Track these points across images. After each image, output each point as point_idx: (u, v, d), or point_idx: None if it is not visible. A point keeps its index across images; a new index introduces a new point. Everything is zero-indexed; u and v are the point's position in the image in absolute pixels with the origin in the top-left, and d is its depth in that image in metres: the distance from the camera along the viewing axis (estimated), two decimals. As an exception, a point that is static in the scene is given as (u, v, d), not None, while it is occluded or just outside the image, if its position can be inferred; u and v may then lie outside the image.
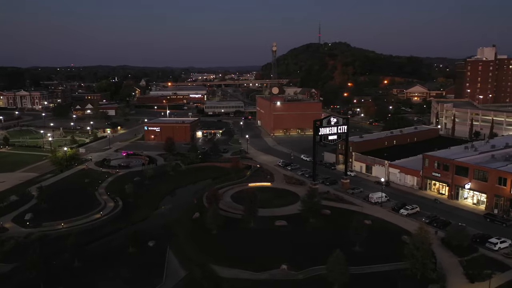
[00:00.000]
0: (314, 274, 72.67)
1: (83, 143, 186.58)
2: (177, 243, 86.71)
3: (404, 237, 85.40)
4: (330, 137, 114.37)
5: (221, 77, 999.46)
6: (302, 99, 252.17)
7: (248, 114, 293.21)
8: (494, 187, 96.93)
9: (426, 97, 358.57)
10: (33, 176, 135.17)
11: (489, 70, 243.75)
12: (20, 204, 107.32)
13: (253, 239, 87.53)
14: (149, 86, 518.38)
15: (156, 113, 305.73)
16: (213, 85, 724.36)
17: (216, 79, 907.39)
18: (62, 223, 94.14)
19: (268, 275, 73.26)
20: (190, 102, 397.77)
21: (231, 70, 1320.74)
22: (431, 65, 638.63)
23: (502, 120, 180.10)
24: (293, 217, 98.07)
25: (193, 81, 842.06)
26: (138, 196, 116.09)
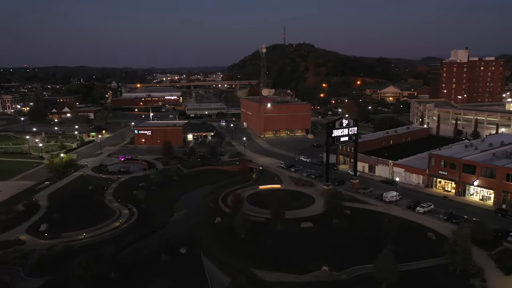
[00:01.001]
0: (357, 274, 74.31)
1: (71, 149, 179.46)
2: (209, 249, 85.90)
3: (429, 234, 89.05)
4: (342, 138, 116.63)
5: (185, 78, 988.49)
6: (290, 100, 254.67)
7: (230, 116, 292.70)
8: (502, 183, 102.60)
9: (399, 97, 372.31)
10: (30, 185, 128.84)
11: (463, 72, 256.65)
12: (29, 214, 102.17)
13: (284, 242, 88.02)
14: (120, 88, 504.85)
15: (135, 116, 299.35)
16: (182, 86, 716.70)
17: (183, 80, 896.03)
18: (83, 233, 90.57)
19: (311, 277, 74.14)
20: (166, 104, 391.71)
21: (194, 71, 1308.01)
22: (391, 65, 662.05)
23: (483, 119, 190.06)
24: (316, 218, 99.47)
25: (159, 82, 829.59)
26: (149, 202, 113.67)
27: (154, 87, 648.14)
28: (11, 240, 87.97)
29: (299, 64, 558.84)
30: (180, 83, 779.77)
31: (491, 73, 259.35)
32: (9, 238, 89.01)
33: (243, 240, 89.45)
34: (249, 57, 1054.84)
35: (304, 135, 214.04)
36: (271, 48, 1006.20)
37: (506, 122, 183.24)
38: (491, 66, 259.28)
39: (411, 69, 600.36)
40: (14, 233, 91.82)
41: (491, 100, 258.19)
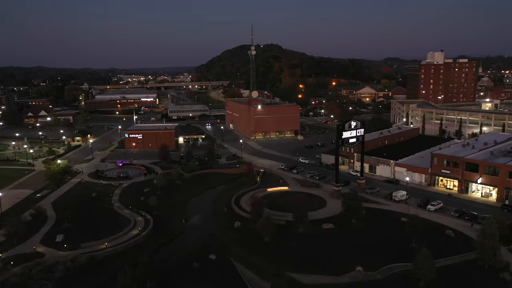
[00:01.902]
0: (392, 272, 76.21)
1: (59, 154, 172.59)
2: (236, 254, 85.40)
3: (447, 231, 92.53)
4: (350, 140, 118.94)
5: (152, 79, 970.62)
6: (279, 102, 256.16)
7: (213, 117, 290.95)
8: (505, 180, 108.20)
9: (375, 98, 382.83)
10: (28, 193, 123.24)
11: (439, 73, 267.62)
12: (39, 225, 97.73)
13: (309, 244, 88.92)
14: (91, 89, 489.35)
15: (117, 119, 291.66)
16: (152, 87, 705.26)
17: (151, 82, 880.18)
18: (105, 242, 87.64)
19: (348, 278, 75.40)
20: (142, 106, 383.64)
21: (159, 72, 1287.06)
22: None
23: (466, 118, 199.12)
24: (334, 219, 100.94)
25: (126, 84, 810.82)
26: (160, 208, 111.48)
27: (124, 88, 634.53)
28: (28, 253, 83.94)
29: (273, 65, 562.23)
30: (149, 85, 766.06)
31: (465, 74, 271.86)
32: (26, 251, 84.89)
33: (268, 243, 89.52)
34: (217, 58, 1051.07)
35: (293, 136, 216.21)
36: (238, 48, 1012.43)
37: (487, 121, 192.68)
38: (465, 67, 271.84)
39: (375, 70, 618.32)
40: (29, 245, 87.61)
41: (465, 100, 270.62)
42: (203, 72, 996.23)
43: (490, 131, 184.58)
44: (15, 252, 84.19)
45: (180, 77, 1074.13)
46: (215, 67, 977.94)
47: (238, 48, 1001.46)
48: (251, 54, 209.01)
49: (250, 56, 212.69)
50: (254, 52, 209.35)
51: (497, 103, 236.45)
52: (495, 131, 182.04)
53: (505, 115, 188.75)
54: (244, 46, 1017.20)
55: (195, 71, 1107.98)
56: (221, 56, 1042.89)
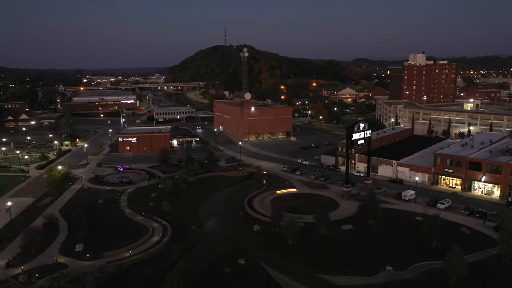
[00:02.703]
0: (422, 271, 78.19)
1: (51, 160, 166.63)
2: (264, 258, 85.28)
3: (462, 229, 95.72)
4: (359, 141, 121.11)
5: (121, 79, 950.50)
6: (271, 104, 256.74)
7: (199, 119, 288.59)
8: (508, 178, 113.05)
9: (355, 99, 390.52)
10: (29, 201, 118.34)
11: (422, 74, 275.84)
12: (52, 234, 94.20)
13: (332, 245, 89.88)
14: (65, 91, 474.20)
15: (102, 122, 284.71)
16: (126, 89, 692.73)
17: (123, 83, 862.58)
18: (129, 250, 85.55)
19: (380, 278, 76.85)
20: (122, 108, 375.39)
21: (129, 72, 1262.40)
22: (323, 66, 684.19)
23: (452, 118, 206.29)
24: (350, 220, 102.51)
25: (97, 85, 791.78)
26: (172, 213, 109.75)
27: (99, 90, 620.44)
28: (50, 264, 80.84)
29: (252, 66, 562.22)
30: (123, 86, 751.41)
31: (445, 76, 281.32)
32: (47, 262, 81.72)
33: (292, 246, 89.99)
34: (191, 58, 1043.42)
35: (285, 137, 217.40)
36: (211, 49, 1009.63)
37: (473, 121, 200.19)
38: (445, 69, 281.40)
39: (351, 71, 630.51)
40: (47, 256, 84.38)
41: (445, 100, 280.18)
42: (176, 72, 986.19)
43: (477, 130, 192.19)
44: (35, 264, 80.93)
45: (152, 78, 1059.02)
46: (188, 67, 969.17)
47: (211, 49, 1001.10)
48: (243, 56, 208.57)
49: (243, 58, 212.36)
50: (247, 54, 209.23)
51: (478, 103, 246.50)
52: (480, 130, 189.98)
53: (490, 115, 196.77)
54: (217, 46, 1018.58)
55: (168, 72, 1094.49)
56: (195, 57, 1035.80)
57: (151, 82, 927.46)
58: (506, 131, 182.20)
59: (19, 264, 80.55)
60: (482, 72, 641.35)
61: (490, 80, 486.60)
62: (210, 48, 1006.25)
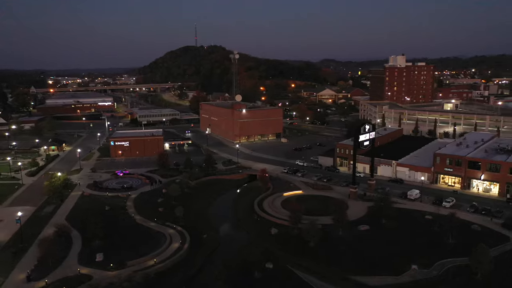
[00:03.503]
0: (446, 268, 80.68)
1: (42, 166, 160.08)
2: (290, 261, 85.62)
3: (473, 226, 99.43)
4: (365, 143, 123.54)
5: (87, 80, 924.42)
6: (261, 105, 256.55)
7: (184, 121, 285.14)
8: (506, 176, 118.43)
9: (335, 99, 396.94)
10: (31, 210, 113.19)
11: (402, 75, 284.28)
12: (65, 244, 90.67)
13: (353, 246, 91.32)
14: (36, 94, 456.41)
15: (79, 125, 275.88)
16: (99, 90, 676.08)
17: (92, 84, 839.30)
18: (154, 258, 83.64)
19: (408, 277, 78.81)
20: (100, 110, 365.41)
21: (94, 73, 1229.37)
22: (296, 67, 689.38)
23: (437, 118, 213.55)
24: (363, 221, 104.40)
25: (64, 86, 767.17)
26: (184, 218, 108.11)
27: (68, 92, 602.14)
28: (73, 276, 77.87)
29: (228, 67, 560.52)
30: (91, 87, 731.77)
31: (424, 77, 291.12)
32: (68, 274, 78.65)
33: (314, 248, 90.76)
34: (161, 59, 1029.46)
35: (275, 139, 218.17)
36: (182, 49, 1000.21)
37: (457, 121, 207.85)
38: (424, 70, 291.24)
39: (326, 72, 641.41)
40: (67, 267, 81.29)
41: (424, 100, 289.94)
42: (147, 73, 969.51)
43: (461, 130, 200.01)
44: (57, 276, 77.77)
45: (121, 79, 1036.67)
46: (159, 68, 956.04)
47: (182, 49, 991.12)
48: (234, 58, 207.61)
49: (233, 60, 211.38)
50: (237, 56, 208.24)
51: (457, 104, 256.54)
52: (464, 130, 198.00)
53: (473, 115, 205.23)
54: (187, 47, 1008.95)
55: (138, 73, 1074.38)
56: (165, 58, 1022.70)
57: (121, 83, 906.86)
58: (488, 130, 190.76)
59: (40, 277, 77.21)
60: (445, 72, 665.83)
61: (458, 80, 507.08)
62: (181, 48, 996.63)
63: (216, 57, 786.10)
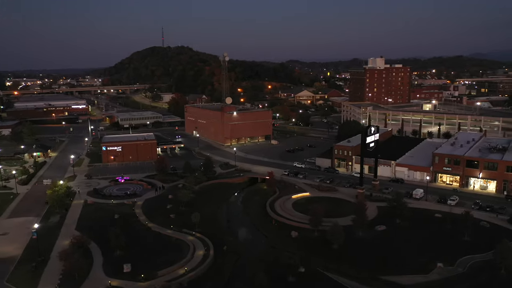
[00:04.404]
0: (470, 264, 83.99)
1: (32, 174, 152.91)
2: (318, 264, 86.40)
3: (482, 223, 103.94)
4: (371, 144, 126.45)
5: (48, 82, 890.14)
6: (249, 108, 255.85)
7: (166, 124, 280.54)
8: (503, 174, 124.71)
9: (312, 101, 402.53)
10: (35, 221, 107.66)
11: (382, 77, 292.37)
12: (84, 255, 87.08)
13: (376, 246, 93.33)
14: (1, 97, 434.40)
15: (56, 129, 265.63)
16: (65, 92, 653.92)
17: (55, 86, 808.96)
18: (184, 267, 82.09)
19: (437, 275, 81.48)
20: (74, 113, 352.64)
21: (53, 73, 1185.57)
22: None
23: (420, 119, 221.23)
24: (377, 221, 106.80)
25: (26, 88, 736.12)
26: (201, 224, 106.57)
27: (34, 94, 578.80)
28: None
29: (202, 69, 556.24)
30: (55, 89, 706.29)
31: (401, 78, 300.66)
32: (98, 287, 75.81)
33: (338, 250, 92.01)
34: (127, 60, 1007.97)
35: (265, 141, 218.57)
36: (149, 50, 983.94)
37: (440, 121, 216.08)
38: (401, 72, 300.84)
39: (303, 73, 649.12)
40: (94, 280, 78.41)
41: (402, 101, 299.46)
42: (113, 75, 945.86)
43: (444, 130, 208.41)
44: (88, 290, 74.84)
45: (85, 80, 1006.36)
46: (125, 69, 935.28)
47: (149, 50, 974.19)
48: (224, 60, 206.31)
49: (223, 63, 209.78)
50: (227, 58, 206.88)
51: (436, 104, 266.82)
52: (447, 130, 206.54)
53: (455, 115, 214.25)
54: (154, 48, 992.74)
55: (103, 74, 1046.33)
56: (132, 58, 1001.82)
57: (85, 84, 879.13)
58: (470, 129, 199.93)
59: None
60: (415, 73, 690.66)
61: (426, 81, 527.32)
62: (148, 49, 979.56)
63: (185, 58, 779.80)
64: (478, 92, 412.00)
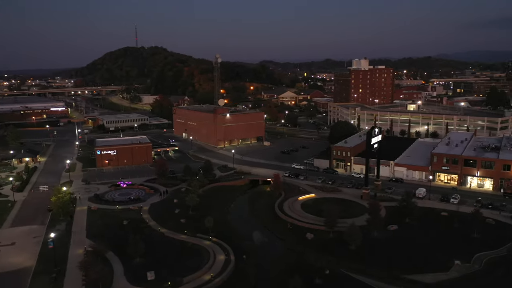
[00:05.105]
0: (485, 261, 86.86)
1: (26, 180, 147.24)
2: (340, 265, 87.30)
3: (488, 220, 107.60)
4: (375, 145, 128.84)
5: (16, 83, 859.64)
6: (242, 109, 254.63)
7: (153, 126, 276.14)
8: (500, 172, 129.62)
9: (296, 101, 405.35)
10: (40, 229, 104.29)
11: (366, 78, 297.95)
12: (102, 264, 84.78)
13: (391, 246, 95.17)
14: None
15: (38, 133, 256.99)
16: (39, 93, 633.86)
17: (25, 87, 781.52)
18: (211, 273, 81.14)
19: (456, 272, 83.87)
20: (53, 116, 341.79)
21: (20, 75, 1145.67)
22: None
23: (407, 119, 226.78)
24: (387, 220, 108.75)
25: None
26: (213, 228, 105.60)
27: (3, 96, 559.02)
28: (131, 298, 73.49)
29: (182, 70, 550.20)
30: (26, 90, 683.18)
31: (384, 79, 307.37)
32: (125, 296, 74.06)
33: (356, 250, 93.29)
34: (100, 60, 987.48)
35: (257, 142, 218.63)
36: (122, 51, 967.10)
37: (427, 121, 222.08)
38: (384, 73, 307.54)
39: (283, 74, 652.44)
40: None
41: (385, 102, 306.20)
42: (86, 76, 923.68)
43: (431, 130, 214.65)
44: (115, 300, 72.92)
45: (56, 81, 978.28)
46: (98, 70, 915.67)
47: (122, 50, 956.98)
48: (216, 62, 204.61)
49: (215, 64, 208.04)
50: (220, 60, 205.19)
51: (419, 104, 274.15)
52: (434, 130, 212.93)
53: (442, 115, 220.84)
54: (127, 48, 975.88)
55: (75, 75, 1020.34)
56: (104, 59, 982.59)
57: (57, 86, 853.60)
58: (456, 129, 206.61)
59: (97, 302, 71.92)
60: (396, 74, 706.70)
61: (403, 82, 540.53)
62: (121, 49, 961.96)
63: (160, 58, 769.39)
64: (454, 92, 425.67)
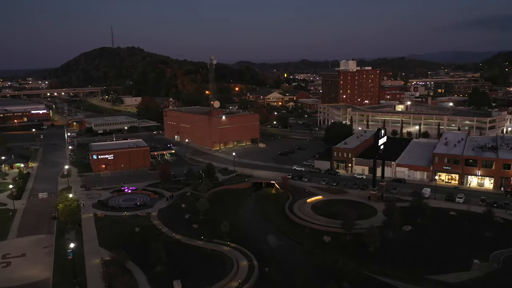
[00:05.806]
0: (502, 259, 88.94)
1: (22, 187, 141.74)
2: (362, 267, 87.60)
3: (496, 218, 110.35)
4: (381, 146, 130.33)
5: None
6: (237, 111, 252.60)
7: (142, 129, 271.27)
8: (500, 171, 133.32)
9: (282, 102, 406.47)
10: (48, 239, 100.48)
11: (354, 79, 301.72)
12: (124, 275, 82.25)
13: (408, 246, 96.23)
14: None
15: (23, 136, 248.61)
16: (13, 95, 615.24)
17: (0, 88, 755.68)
18: (239, 280, 79.94)
19: (477, 272, 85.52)
20: (34, 119, 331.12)
21: None
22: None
23: (401, 119, 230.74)
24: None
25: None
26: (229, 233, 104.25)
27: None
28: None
29: (164, 71, 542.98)
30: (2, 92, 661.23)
31: (371, 80, 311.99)
32: (154, 307, 72.03)
33: (375, 252, 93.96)
34: (75, 61, 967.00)
35: (251, 144, 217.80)
36: (98, 51, 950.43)
37: (418, 121, 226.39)
38: (371, 74, 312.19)
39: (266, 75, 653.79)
40: (148, 299, 74.32)
41: (372, 102, 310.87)
42: (60, 77, 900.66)
43: (422, 130, 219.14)
44: (143, 311, 70.83)
45: (28, 82, 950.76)
46: (73, 71, 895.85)
47: (98, 50, 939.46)
48: (211, 64, 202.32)
49: (209, 66, 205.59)
50: (215, 62, 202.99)
51: (408, 105, 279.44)
52: (425, 130, 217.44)
53: (432, 115, 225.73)
54: (103, 48, 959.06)
55: (49, 76, 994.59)
56: (79, 59, 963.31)
57: (30, 87, 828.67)
58: (446, 129, 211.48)
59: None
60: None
61: (384, 82, 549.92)
62: (97, 49, 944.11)
63: (137, 59, 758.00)
64: (435, 93, 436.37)
